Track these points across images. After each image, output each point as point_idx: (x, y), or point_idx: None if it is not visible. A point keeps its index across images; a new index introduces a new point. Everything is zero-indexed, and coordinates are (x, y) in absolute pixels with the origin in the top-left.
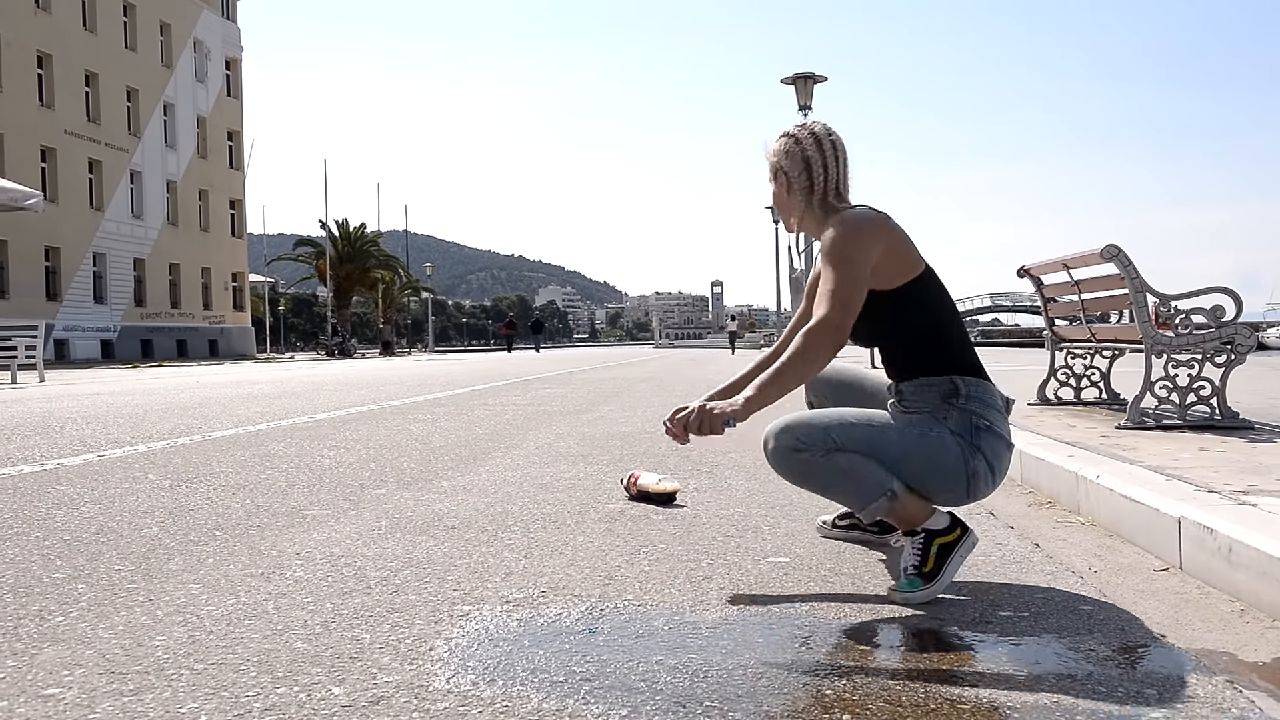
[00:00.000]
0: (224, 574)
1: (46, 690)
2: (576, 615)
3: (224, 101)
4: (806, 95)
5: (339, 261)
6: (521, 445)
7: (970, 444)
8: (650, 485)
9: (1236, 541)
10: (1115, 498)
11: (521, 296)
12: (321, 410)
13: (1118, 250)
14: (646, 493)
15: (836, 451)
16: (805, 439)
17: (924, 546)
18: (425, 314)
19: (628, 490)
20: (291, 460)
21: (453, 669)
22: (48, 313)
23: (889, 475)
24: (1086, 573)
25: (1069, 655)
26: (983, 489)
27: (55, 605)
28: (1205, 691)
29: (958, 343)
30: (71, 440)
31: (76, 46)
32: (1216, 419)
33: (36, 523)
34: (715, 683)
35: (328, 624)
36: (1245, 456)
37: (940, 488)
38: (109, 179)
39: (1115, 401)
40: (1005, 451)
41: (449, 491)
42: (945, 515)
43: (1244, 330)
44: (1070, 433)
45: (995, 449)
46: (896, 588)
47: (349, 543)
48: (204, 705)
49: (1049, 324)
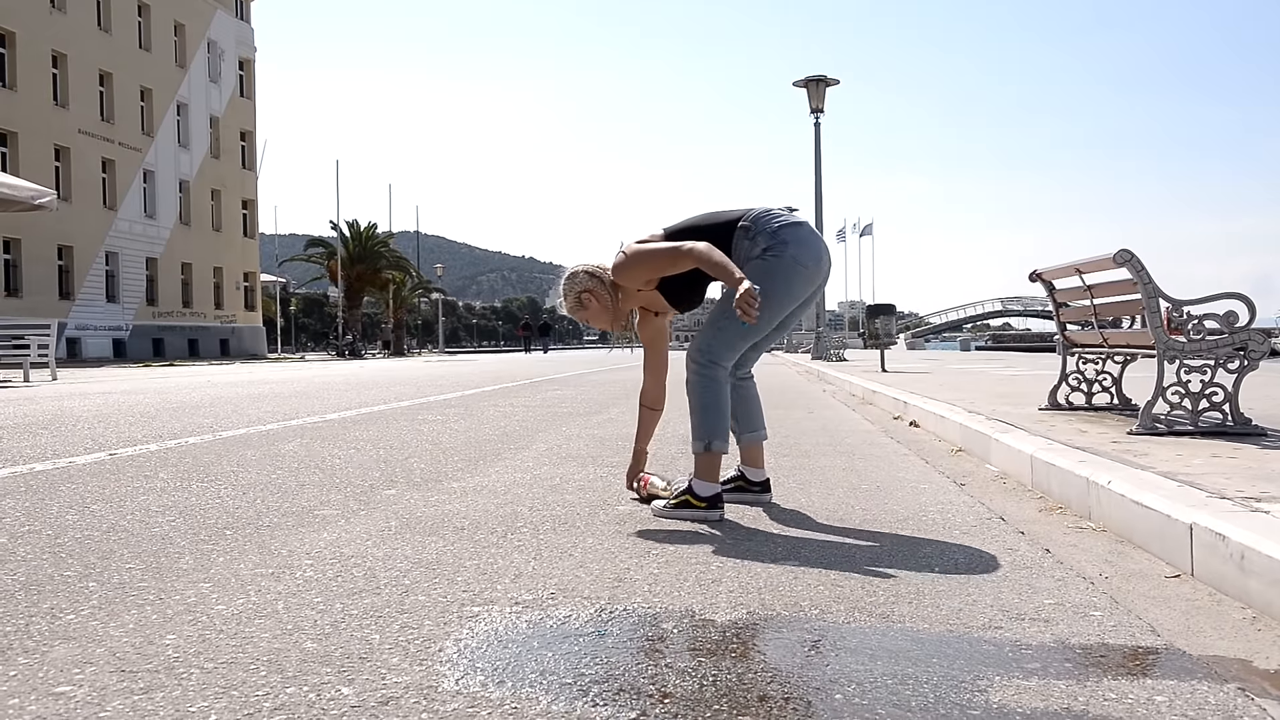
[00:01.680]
0: (234, 573)
1: (58, 688)
2: (586, 617)
3: (237, 102)
4: (819, 98)
5: (350, 262)
6: (531, 447)
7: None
8: (659, 489)
9: (1249, 549)
10: (1127, 504)
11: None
12: (332, 410)
13: (1130, 255)
14: (656, 496)
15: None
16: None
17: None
18: (436, 315)
19: (638, 492)
20: (302, 460)
21: (462, 670)
22: (60, 311)
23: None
24: (1097, 579)
25: (1079, 661)
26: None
27: (66, 603)
28: (1216, 699)
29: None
30: (83, 439)
31: (91, 46)
32: (1229, 425)
33: (48, 521)
34: (725, 687)
35: (337, 624)
36: (1258, 463)
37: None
38: (122, 178)
39: (1127, 407)
40: None
41: (459, 492)
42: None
43: (1257, 336)
44: (1081, 438)
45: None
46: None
47: (359, 543)
48: (214, 704)
49: (1061, 329)
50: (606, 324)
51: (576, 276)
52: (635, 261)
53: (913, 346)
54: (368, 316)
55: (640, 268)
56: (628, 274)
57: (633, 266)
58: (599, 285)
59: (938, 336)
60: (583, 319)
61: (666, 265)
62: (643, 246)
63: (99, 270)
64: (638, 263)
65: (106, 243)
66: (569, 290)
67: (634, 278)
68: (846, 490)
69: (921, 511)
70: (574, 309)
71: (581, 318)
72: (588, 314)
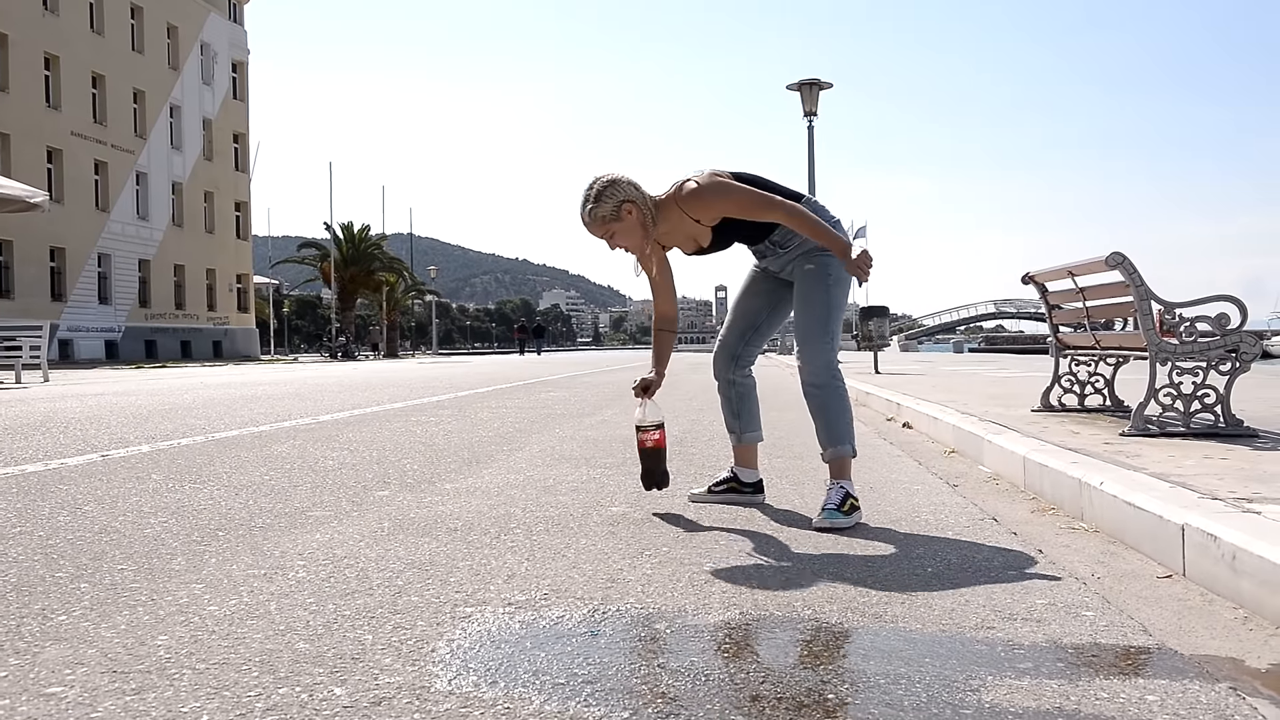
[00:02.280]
0: (227, 574)
1: (49, 689)
2: (579, 618)
3: (230, 104)
4: (812, 101)
5: (343, 264)
6: (525, 448)
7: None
8: (644, 419)
9: (1240, 549)
10: (1119, 504)
11: (525, 300)
12: (325, 412)
13: (1123, 258)
14: (641, 425)
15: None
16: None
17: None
18: (429, 317)
19: (640, 397)
20: (295, 461)
21: (455, 670)
22: (52, 313)
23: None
24: (1089, 579)
25: (1071, 661)
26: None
27: (58, 604)
28: (1208, 698)
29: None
30: (75, 440)
31: (84, 48)
32: (1221, 427)
33: (40, 522)
34: (717, 686)
35: (330, 625)
36: (1249, 464)
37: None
38: (115, 180)
39: (1119, 409)
40: None
41: (452, 494)
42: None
43: (1249, 338)
44: (1074, 439)
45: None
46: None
47: (352, 544)
48: (206, 705)
49: (1053, 331)
50: (635, 244)
51: (619, 183)
52: (724, 194)
53: (906, 349)
54: (361, 318)
55: (726, 201)
56: (706, 203)
57: (718, 198)
58: (643, 201)
59: (931, 339)
60: (607, 234)
61: (751, 210)
62: (735, 183)
63: (91, 272)
64: (725, 196)
65: (99, 244)
66: (608, 196)
67: (709, 208)
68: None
69: (914, 512)
70: (606, 219)
71: (607, 232)
72: (619, 228)
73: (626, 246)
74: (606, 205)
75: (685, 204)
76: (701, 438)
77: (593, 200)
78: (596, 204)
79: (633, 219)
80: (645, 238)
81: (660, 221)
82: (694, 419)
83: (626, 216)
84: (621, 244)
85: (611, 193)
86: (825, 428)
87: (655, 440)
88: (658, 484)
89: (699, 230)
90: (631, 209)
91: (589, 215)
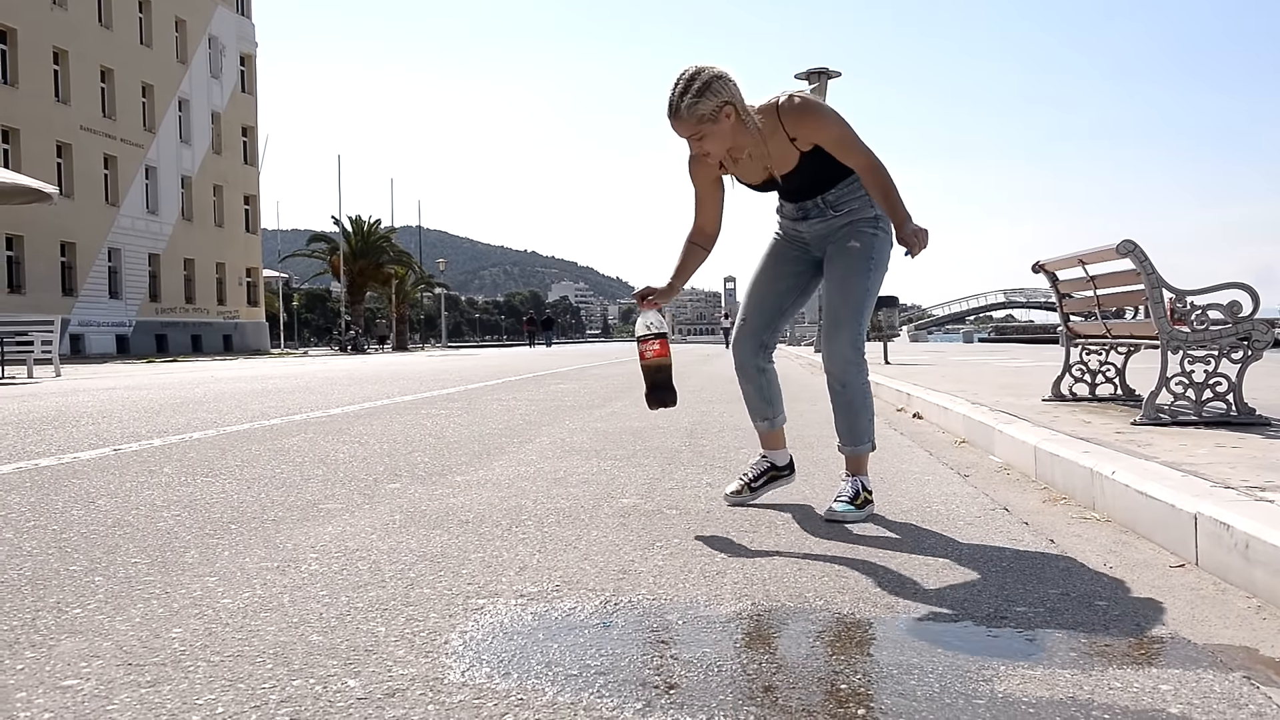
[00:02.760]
0: (240, 567)
1: (65, 681)
2: (591, 609)
3: (238, 97)
4: (821, 91)
5: (352, 257)
6: (535, 440)
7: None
8: (650, 324)
9: (1254, 538)
10: (1131, 494)
11: (534, 292)
12: (335, 405)
13: (1134, 246)
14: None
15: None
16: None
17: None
18: (438, 309)
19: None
20: (306, 454)
21: (468, 662)
22: (63, 308)
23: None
24: (1102, 568)
25: (1084, 651)
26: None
27: (73, 597)
28: (1222, 688)
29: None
30: (87, 434)
31: (92, 43)
32: (1233, 415)
33: (54, 516)
34: (730, 677)
35: (343, 617)
36: (1262, 453)
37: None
38: (124, 174)
39: (1130, 398)
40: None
41: (463, 486)
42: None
43: (1261, 326)
44: (1085, 429)
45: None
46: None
47: (364, 537)
48: (220, 697)
49: (1064, 320)
50: (720, 149)
51: (726, 81)
52: (831, 117)
53: (916, 339)
54: (370, 311)
55: (831, 126)
56: (814, 120)
57: (825, 119)
58: (744, 106)
59: (940, 329)
60: (696, 134)
61: (848, 144)
62: (841, 117)
63: (102, 266)
64: (832, 119)
65: (109, 239)
66: (712, 93)
67: (814, 128)
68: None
69: (925, 503)
70: (703, 119)
71: (697, 133)
72: (713, 130)
73: (711, 151)
74: (709, 103)
75: (789, 116)
76: (712, 429)
77: (694, 93)
78: (699, 99)
79: (729, 123)
80: (732, 144)
81: (739, 141)
82: (704, 410)
83: (724, 120)
84: (708, 148)
85: (717, 89)
86: (849, 426)
87: (656, 352)
88: (664, 402)
89: (788, 152)
90: (731, 113)
91: (686, 110)
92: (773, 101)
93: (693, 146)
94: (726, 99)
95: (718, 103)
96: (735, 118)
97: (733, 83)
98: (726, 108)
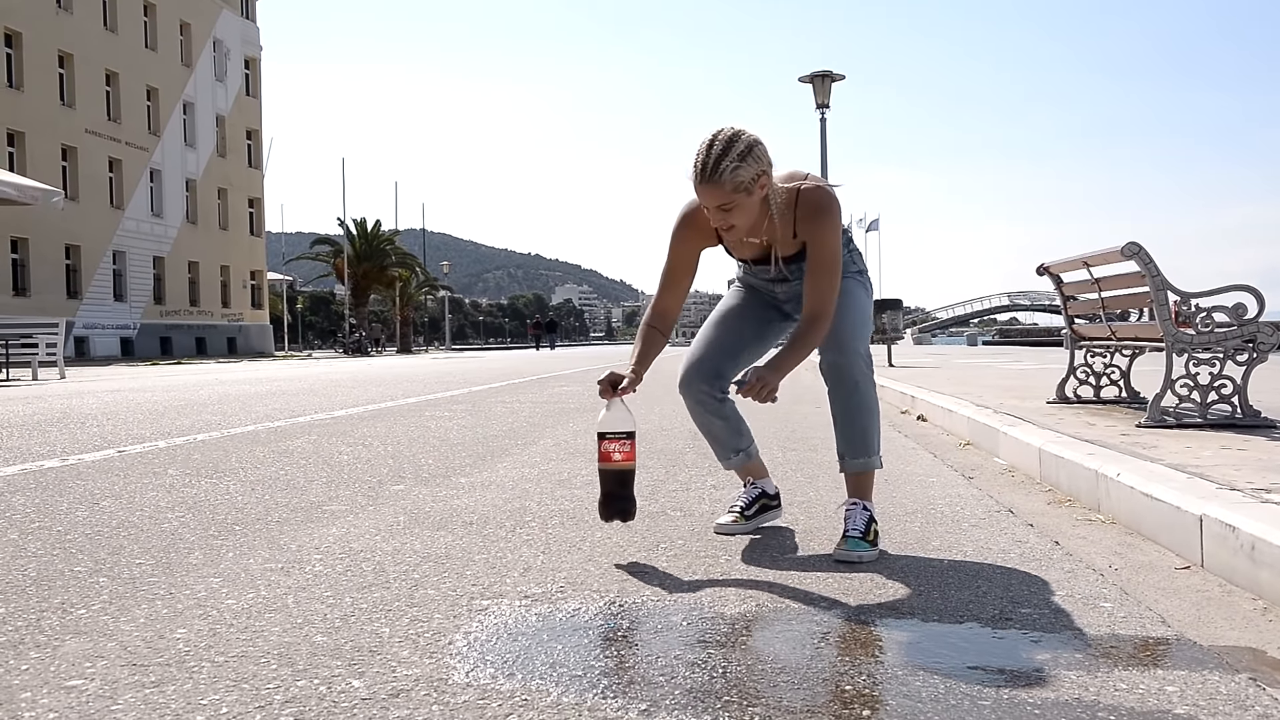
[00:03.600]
0: (244, 568)
1: (70, 682)
2: (595, 610)
3: (243, 100)
4: (824, 94)
5: (356, 260)
6: (539, 442)
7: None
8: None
9: (1259, 539)
10: (1136, 495)
11: (538, 295)
12: (340, 407)
13: (1138, 248)
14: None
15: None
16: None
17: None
18: (442, 312)
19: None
20: (310, 456)
21: (472, 663)
22: (68, 310)
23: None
24: (1107, 570)
25: (1090, 652)
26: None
27: (77, 598)
28: (1228, 689)
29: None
30: (92, 436)
31: (97, 46)
32: (1238, 417)
33: (58, 517)
34: (734, 678)
35: (347, 618)
36: (1267, 455)
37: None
38: (129, 177)
39: (1135, 400)
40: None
41: (467, 487)
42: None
43: (1266, 328)
44: (1090, 431)
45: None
46: (849, 546)
47: (368, 538)
48: (225, 697)
49: (1068, 322)
50: (747, 224)
51: (764, 149)
52: (835, 229)
53: (919, 341)
54: (374, 314)
55: (831, 236)
56: (821, 224)
57: (830, 228)
58: (773, 181)
59: (944, 331)
60: (728, 203)
61: (831, 270)
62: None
63: (106, 269)
64: (834, 231)
65: (114, 242)
66: (754, 157)
67: (816, 230)
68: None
69: (930, 504)
70: (740, 185)
71: (730, 201)
72: (745, 202)
73: (736, 225)
74: (749, 169)
75: (806, 209)
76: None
77: (735, 156)
78: (741, 163)
79: (758, 197)
80: (758, 220)
81: (759, 220)
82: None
83: (759, 191)
84: (734, 220)
85: (759, 154)
86: (860, 432)
87: (626, 455)
88: (625, 513)
89: (786, 240)
90: (766, 184)
91: (728, 173)
92: (795, 185)
93: (714, 218)
94: (765, 168)
95: (757, 170)
96: (769, 192)
97: (768, 156)
98: (763, 178)
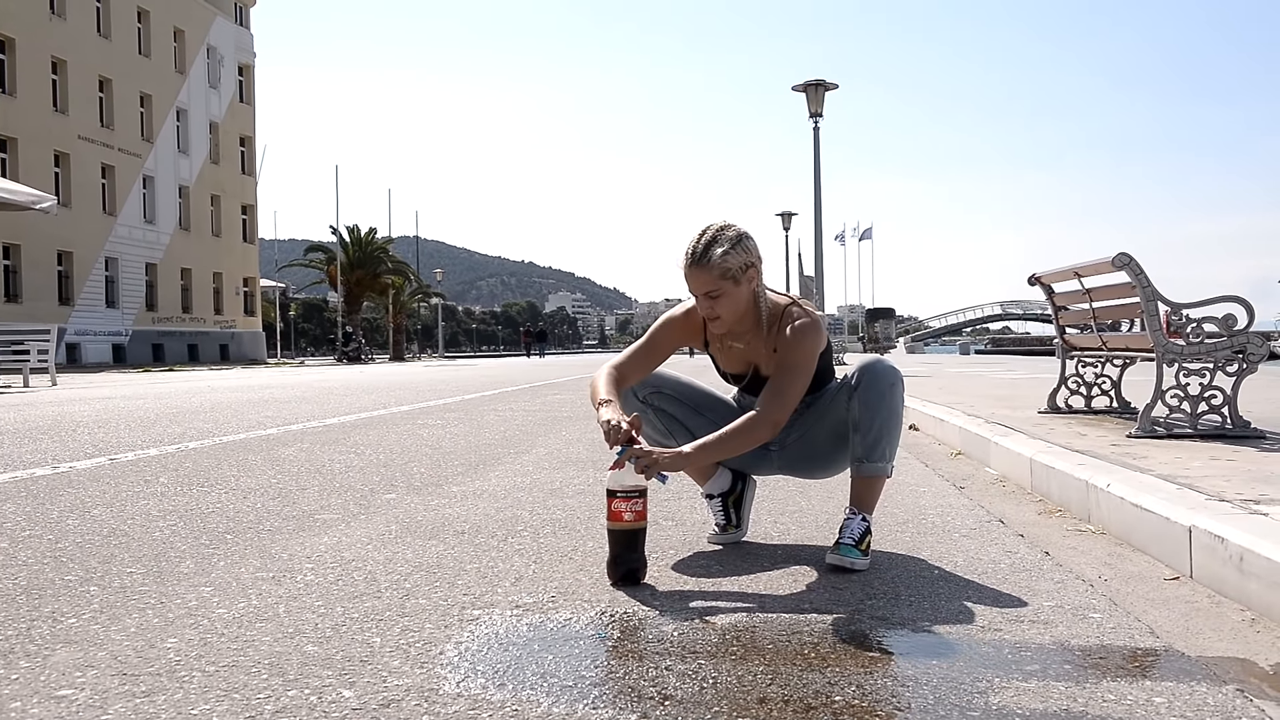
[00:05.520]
0: (235, 577)
1: (60, 691)
2: (586, 620)
3: (236, 107)
4: (818, 102)
5: (350, 267)
6: (531, 451)
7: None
8: (613, 483)
9: (1248, 550)
10: (1126, 506)
11: (531, 303)
12: (332, 415)
13: (1129, 258)
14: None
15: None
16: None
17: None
18: (435, 320)
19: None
20: (302, 465)
21: (463, 673)
22: (60, 317)
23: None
24: (1096, 581)
25: (1078, 663)
26: None
27: (68, 607)
28: (1215, 700)
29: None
30: (83, 444)
31: (90, 52)
32: (1228, 428)
33: (49, 525)
34: (725, 689)
35: (338, 627)
36: (1256, 466)
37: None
38: (122, 184)
39: (1126, 410)
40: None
41: (459, 497)
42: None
43: (1256, 339)
44: (1080, 441)
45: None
46: (841, 552)
47: (359, 547)
48: (215, 707)
49: (1060, 332)
50: (732, 316)
51: (755, 243)
52: (813, 357)
53: (912, 350)
54: (367, 321)
55: (808, 362)
56: (800, 348)
57: (809, 356)
58: (762, 283)
59: (937, 340)
60: (715, 289)
61: (798, 387)
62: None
63: (99, 276)
64: (811, 359)
65: (106, 248)
66: (744, 247)
67: (795, 352)
68: (846, 494)
69: (921, 514)
70: (727, 272)
71: (717, 288)
72: (732, 291)
73: (720, 315)
74: (738, 258)
75: (794, 328)
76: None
77: (726, 244)
78: (731, 250)
79: (745, 291)
80: (740, 315)
81: (745, 318)
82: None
83: (746, 283)
84: (720, 310)
85: (750, 246)
86: (887, 436)
87: (637, 514)
88: (629, 576)
89: (764, 354)
90: (754, 278)
91: (718, 258)
92: (785, 301)
93: (702, 306)
94: (754, 260)
95: (745, 260)
96: (755, 288)
97: (757, 249)
98: (751, 270)
